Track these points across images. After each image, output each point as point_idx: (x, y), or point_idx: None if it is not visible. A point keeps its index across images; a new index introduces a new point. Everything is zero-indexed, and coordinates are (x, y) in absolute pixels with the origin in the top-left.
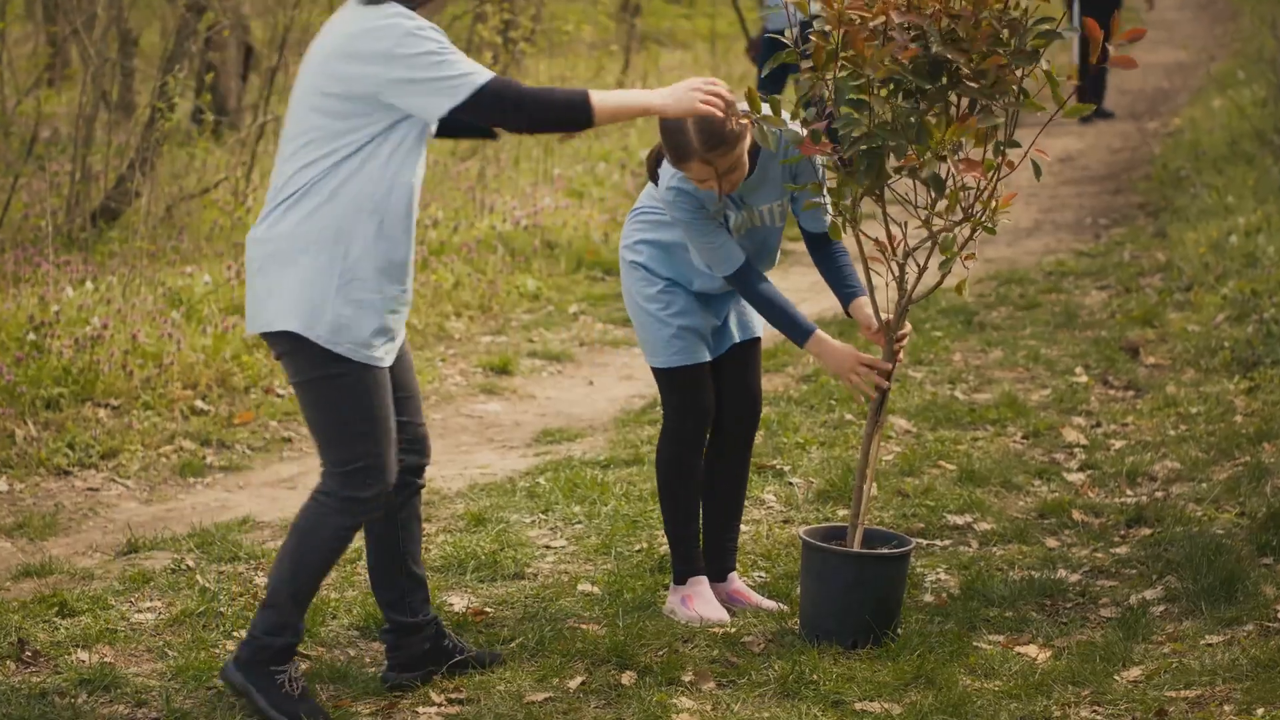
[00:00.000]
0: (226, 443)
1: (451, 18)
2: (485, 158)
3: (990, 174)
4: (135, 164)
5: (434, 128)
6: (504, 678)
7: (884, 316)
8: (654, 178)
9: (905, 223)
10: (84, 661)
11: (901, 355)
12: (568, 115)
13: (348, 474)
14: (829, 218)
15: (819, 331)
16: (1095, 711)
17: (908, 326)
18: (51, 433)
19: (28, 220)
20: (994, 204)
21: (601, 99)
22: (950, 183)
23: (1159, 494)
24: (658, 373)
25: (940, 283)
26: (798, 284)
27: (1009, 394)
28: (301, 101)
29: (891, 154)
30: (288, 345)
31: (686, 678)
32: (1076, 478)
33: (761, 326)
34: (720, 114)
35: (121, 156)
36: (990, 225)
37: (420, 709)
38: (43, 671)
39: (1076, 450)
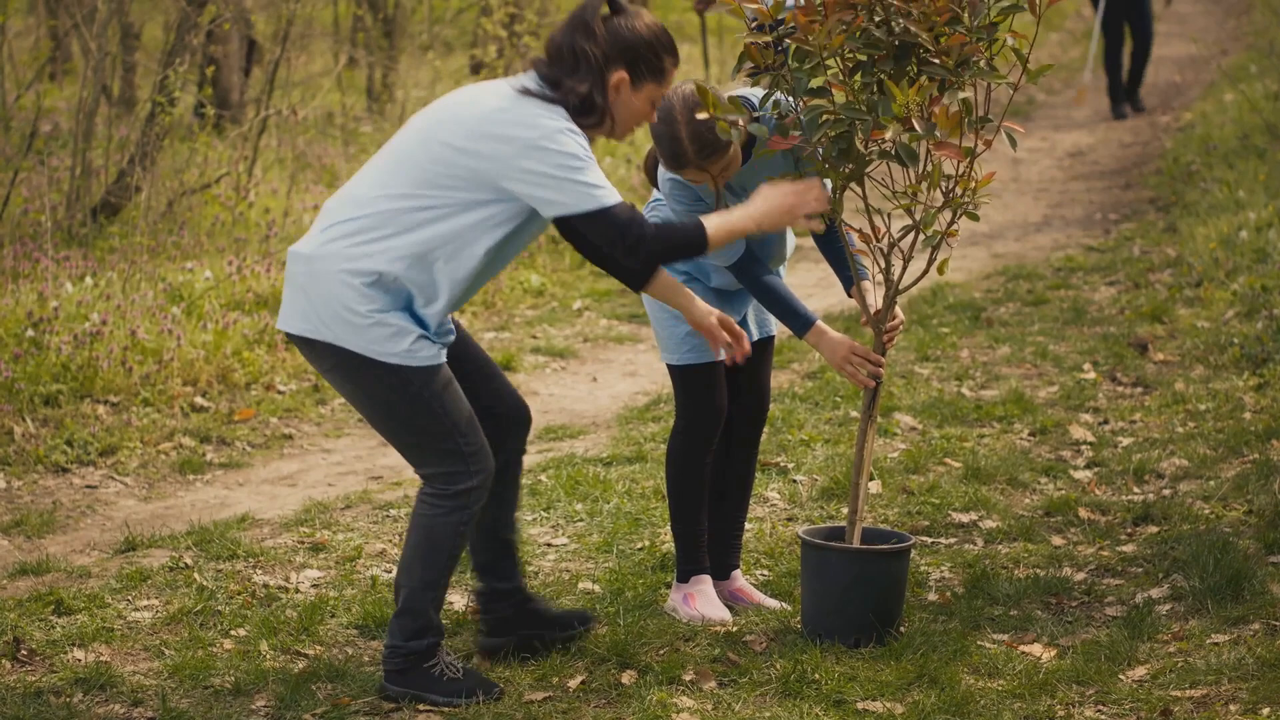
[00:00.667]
0: (227, 440)
1: (456, 11)
2: None
3: (967, 155)
4: (135, 159)
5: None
6: (503, 677)
7: (873, 309)
8: (653, 180)
9: (889, 214)
10: (80, 660)
11: (891, 346)
12: (684, 251)
13: (448, 475)
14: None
15: (819, 322)
16: (1100, 711)
17: (899, 316)
18: (50, 430)
19: (27, 215)
20: (973, 185)
21: (715, 229)
22: (928, 163)
23: (1166, 492)
24: (672, 370)
25: (926, 272)
26: (804, 279)
27: (1016, 391)
28: (416, 142)
29: (859, 132)
30: (335, 360)
31: (687, 677)
32: (1083, 475)
33: (776, 325)
34: (820, 222)
35: (122, 151)
36: (973, 211)
37: (420, 708)
38: (38, 670)
39: (1084, 447)
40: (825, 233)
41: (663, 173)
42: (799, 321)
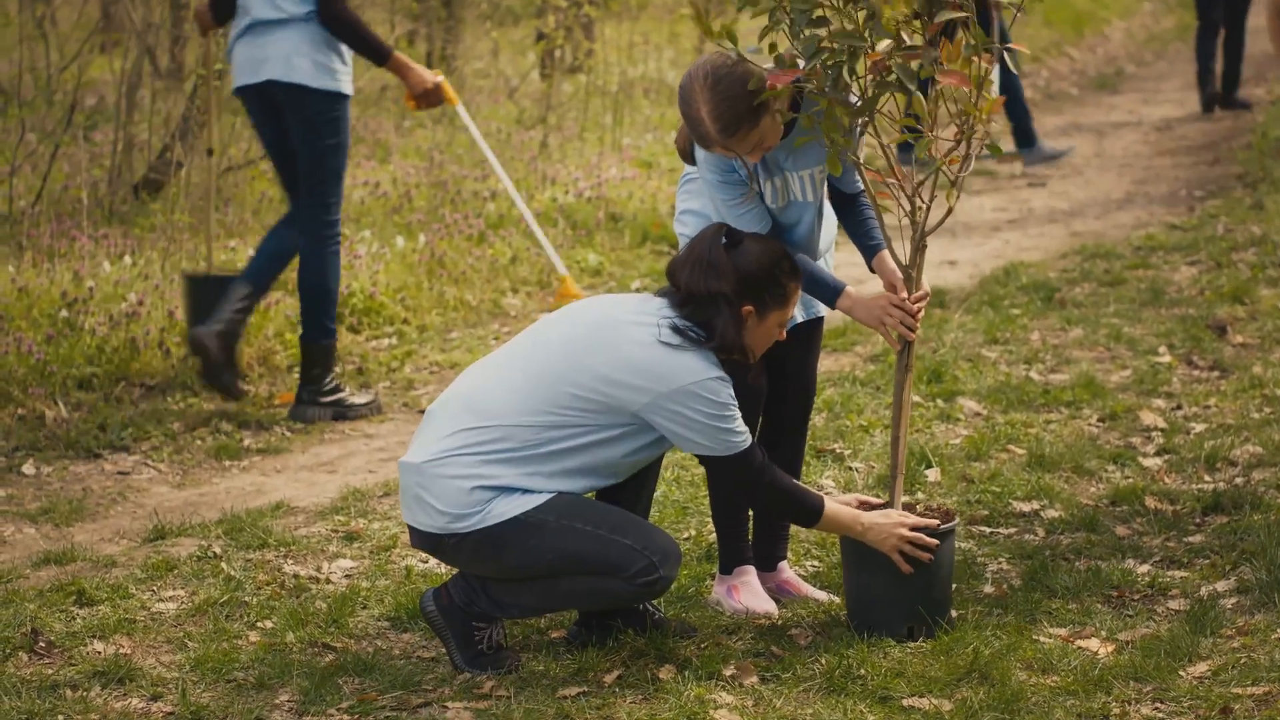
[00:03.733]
0: (265, 424)
1: None
2: (549, 125)
3: (975, 82)
4: (176, 134)
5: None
6: (538, 671)
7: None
8: (687, 158)
9: (914, 157)
10: (99, 653)
11: (920, 319)
12: (796, 516)
13: (640, 578)
14: (861, 182)
15: (848, 288)
16: (1156, 709)
17: (925, 288)
18: (83, 414)
19: (67, 191)
20: (982, 111)
21: (831, 516)
22: (934, 91)
23: (1238, 480)
24: None
25: (950, 212)
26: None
27: (1087, 374)
28: (562, 362)
29: (856, 57)
30: (471, 546)
31: (728, 672)
32: (1153, 463)
33: (824, 308)
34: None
35: (168, 126)
36: (994, 144)
37: (450, 703)
38: (56, 663)
39: (1154, 434)
40: (849, 205)
41: (700, 157)
42: (829, 291)
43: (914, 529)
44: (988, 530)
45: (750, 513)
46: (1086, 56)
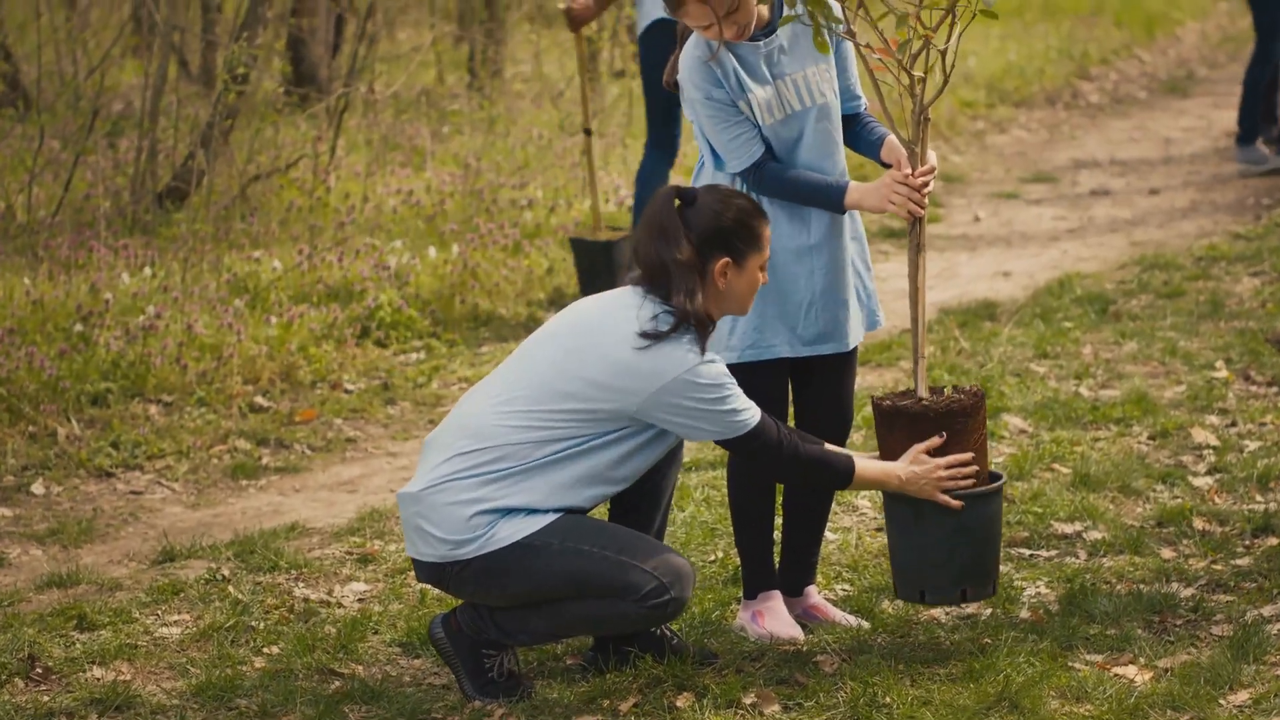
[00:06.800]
0: (285, 442)
1: None
2: (592, 131)
3: None
4: (199, 141)
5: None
6: (551, 698)
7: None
8: (673, 86)
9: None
10: (98, 679)
11: (927, 191)
12: (828, 481)
13: (650, 600)
14: (863, 102)
15: (851, 182)
16: None
17: (933, 159)
18: (96, 431)
19: (89, 201)
20: None
21: (864, 474)
22: None
23: None
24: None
25: (947, 82)
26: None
27: (1138, 390)
28: (547, 369)
29: None
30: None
31: (748, 700)
32: (1203, 482)
33: (860, 333)
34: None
35: (194, 132)
36: (986, 3)
37: None
38: (52, 690)
39: (1206, 452)
40: (847, 120)
41: (683, 59)
42: (835, 193)
43: (949, 466)
44: (1027, 553)
45: (777, 536)
46: (1157, 59)
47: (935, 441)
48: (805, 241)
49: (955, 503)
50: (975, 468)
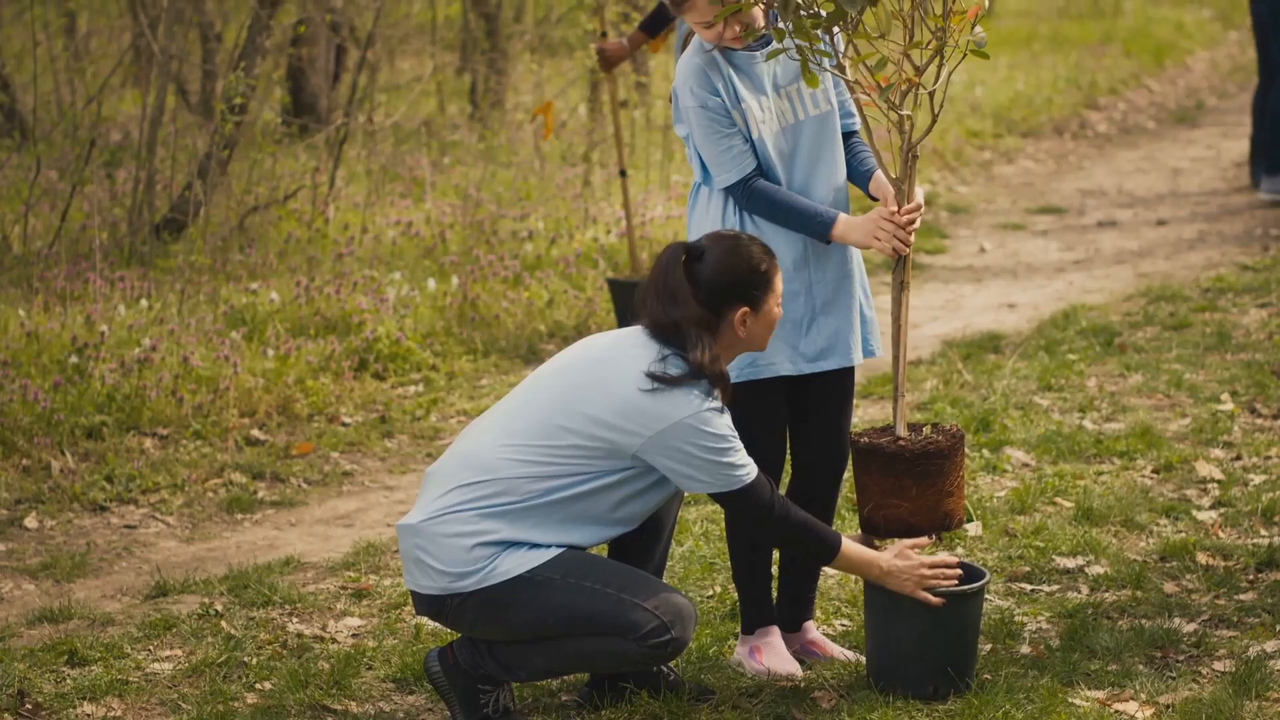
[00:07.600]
0: (281, 476)
1: (568, 6)
2: (592, 162)
3: None
4: (197, 172)
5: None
6: None
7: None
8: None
9: (899, 60)
10: (88, 715)
11: (914, 230)
12: (812, 553)
13: (651, 639)
14: (857, 120)
15: (840, 214)
16: None
17: (920, 196)
18: (90, 464)
19: (85, 232)
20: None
21: (849, 555)
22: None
23: None
24: None
25: (935, 122)
26: (929, 301)
27: (1143, 423)
28: (551, 404)
29: None
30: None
31: None
32: (1207, 516)
33: (861, 354)
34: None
35: (194, 163)
36: (977, 44)
37: None
38: None
39: (1210, 486)
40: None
41: (680, 67)
42: (822, 223)
43: (934, 566)
44: (1028, 587)
45: (775, 571)
46: (1166, 88)
47: (923, 542)
48: (802, 251)
49: (936, 600)
50: (958, 572)
